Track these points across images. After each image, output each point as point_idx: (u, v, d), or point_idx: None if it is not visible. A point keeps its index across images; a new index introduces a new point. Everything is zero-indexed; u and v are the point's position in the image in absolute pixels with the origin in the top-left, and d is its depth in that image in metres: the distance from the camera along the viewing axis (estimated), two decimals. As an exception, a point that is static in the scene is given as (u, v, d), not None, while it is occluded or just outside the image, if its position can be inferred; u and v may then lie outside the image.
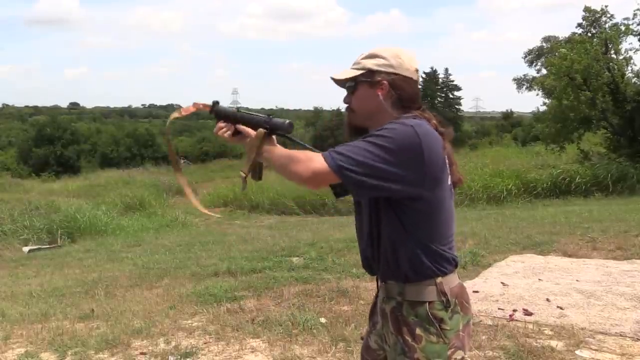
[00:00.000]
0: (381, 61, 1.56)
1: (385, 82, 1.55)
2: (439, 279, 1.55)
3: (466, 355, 1.57)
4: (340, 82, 1.63)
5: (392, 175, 1.42)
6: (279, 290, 4.65)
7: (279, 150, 1.53)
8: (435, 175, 1.48)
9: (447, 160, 1.54)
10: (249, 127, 1.59)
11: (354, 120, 1.63)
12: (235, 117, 1.65)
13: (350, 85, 1.59)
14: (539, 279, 4.65)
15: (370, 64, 1.57)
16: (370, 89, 1.56)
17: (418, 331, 1.53)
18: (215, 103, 1.69)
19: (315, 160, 1.44)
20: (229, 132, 1.63)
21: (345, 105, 1.64)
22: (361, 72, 1.57)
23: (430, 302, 1.54)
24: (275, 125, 1.58)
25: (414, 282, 1.55)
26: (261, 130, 1.56)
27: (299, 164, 1.46)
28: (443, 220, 1.55)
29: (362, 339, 1.93)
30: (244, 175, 1.62)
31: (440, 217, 1.54)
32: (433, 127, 1.52)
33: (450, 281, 1.57)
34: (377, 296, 1.73)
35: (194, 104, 1.68)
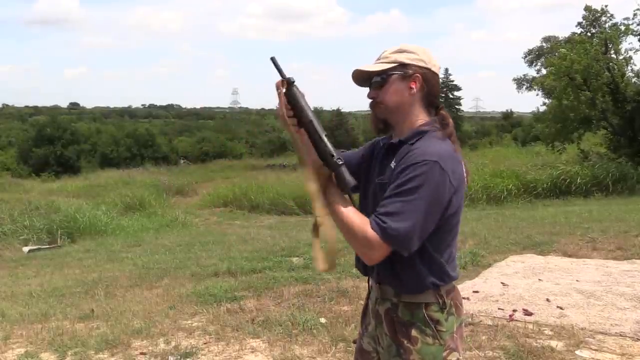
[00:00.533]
0: (413, 55, 1.56)
1: (418, 74, 1.54)
2: None
3: (460, 357, 1.57)
4: (361, 78, 1.58)
5: (436, 217, 1.46)
6: (279, 290, 4.65)
7: (340, 211, 1.48)
8: (460, 194, 1.51)
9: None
10: (313, 144, 1.51)
11: (380, 114, 1.58)
12: (305, 122, 1.50)
13: (378, 79, 1.56)
14: (539, 279, 4.65)
15: (403, 57, 1.55)
16: (402, 82, 1.54)
17: (414, 333, 1.51)
18: (292, 82, 1.50)
19: (374, 246, 1.42)
20: (295, 128, 1.51)
21: (370, 101, 1.59)
22: (393, 65, 1.55)
23: (427, 304, 1.52)
24: (339, 177, 1.50)
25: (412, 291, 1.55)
26: (327, 170, 1.49)
27: (359, 246, 1.46)
28: (454, 232, 1.56)
29: (354, 342, 1.90)
30: (319, 218, 1.51)
31: (455, 228, 1.55)
32: (447, 135, 1.53)
33: (447, 284, 1.57)
34: (368, 297, 1.71)
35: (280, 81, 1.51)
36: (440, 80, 1.69)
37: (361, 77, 1.59)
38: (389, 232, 1.39)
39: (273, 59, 1.50)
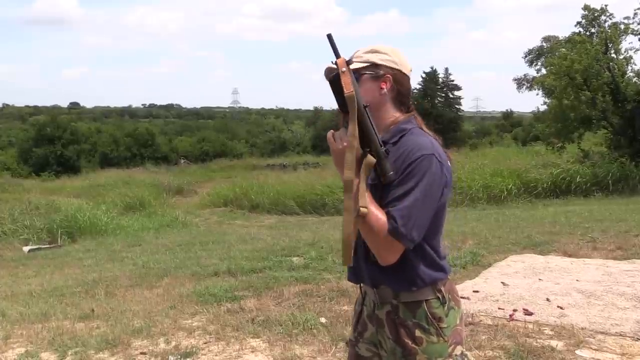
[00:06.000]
0: (384, 56, 1.57)
1: (389, 75, 1.56)
2: None
3: (464, 349, 1.58)
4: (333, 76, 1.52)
5: (434, 208, 1.49)
6: (279, 290, 4.64)
7: (372, 209, 1.42)
8: (450, 187, 1.54)
9: None
10: (362, 131, 1.43)
11: None
12: (360, 106, 1.42)
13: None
14: (539, 279, 4.65)
15: (375, 58, 1.57)
16: (373, 82, 1.56)
17: (418, 333, 1.52)
18: (350, 63, 1.45)
19: (393, 246, 1.44)
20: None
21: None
22: (365, 64, 1.56)
23: (427, 301, 1.54)
24: (384, 168, 1.45)
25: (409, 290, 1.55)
26: (372, 159, 1.43)
27: (380, 246, 1.44)
28: (442, 224, 1.58)
29: (347, 343, 1.90)
30: (365, 210, 1.40)
31: (443, 220, 1.57)
32: (425, 131, 1.58)
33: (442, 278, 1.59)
34: (362, 303, 1.69)
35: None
36: (440, 80, 1.71)
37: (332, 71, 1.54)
38: (401, 232, 1.41)
39: (329, 36, 1.43)
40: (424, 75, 43.54)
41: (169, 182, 21.59)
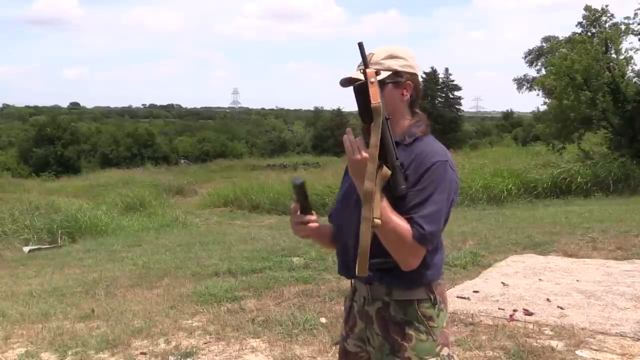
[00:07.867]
0: (403, 62, 1.59)
1: (410, 82, 1.58)
2: None
3: (451, 352, 1.60)
4: (352, 81, 1.51)
5: (449, 211, 1.54)
6: (279, 290, 4.65)
7: (392, 217, 1.44)
8: (458, 189, 1.58)
9: None
10: (381, 143, 1.43)
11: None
12: (383, 118, 1.42)
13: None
14: (540, 279, 4.65)
15: (395, 64, 1.57)
16: (395, 90, 1.57)
17: (408, 330, 1.54)
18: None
19: (418, 253, 1.47)
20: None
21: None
22: (388, 73, 1.56)
23: (419, 300, 1.56)
24: (397, 181, 1.45)
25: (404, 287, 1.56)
26: (388, 171, 1.43)
27: (405, 253, 1.46)
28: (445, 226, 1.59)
29: (336, 344, 1.91)
30: (378, 222, 1.41)
31: (446, 223, 1.57)
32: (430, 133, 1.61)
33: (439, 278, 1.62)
34: (352, 299, 1.70)
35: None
36: (440, 80, 1.71)
37: (352, 81, 1.54)
38: (427, 237, 1.45)
39: (360, 45, 1.44)
40: (424, 76, 43.59)
41: (169, 182, 21.61)
